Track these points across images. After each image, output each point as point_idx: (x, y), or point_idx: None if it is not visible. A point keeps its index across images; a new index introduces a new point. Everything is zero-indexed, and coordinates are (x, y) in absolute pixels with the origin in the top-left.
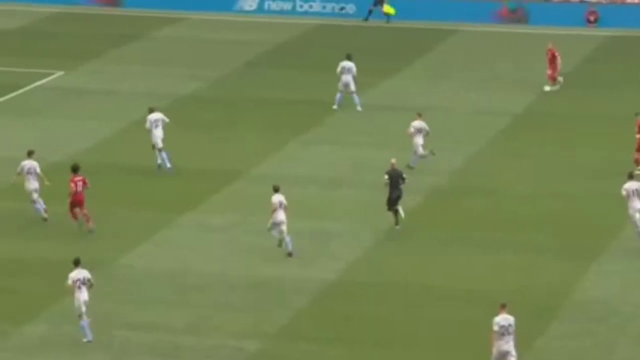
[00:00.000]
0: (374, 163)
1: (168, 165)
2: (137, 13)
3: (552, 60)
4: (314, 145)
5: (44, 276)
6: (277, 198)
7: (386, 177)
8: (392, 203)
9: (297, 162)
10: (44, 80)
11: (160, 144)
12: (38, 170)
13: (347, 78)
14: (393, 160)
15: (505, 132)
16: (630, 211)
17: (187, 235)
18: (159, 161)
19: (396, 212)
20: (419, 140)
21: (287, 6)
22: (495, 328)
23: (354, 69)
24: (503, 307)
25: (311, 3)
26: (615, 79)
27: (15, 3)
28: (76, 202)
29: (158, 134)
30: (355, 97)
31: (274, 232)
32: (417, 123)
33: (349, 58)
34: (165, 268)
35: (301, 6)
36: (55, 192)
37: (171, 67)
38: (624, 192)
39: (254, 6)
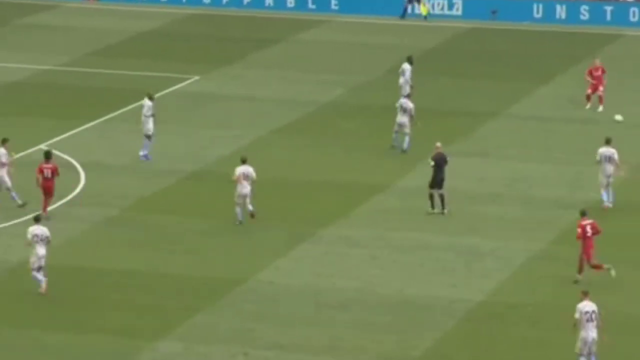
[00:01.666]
0: (527, 177)
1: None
2: (277, 15)
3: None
4: (463, 157)
5: (180, 292)
6: (241, 170)
7: (432, 162)
8: (436, 184)
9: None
10: (178, 86)
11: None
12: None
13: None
14: (438, 144)
15: None
16: (601, 176)
17: (328, 250)
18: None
19: (441, 196)
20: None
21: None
22: (577, 315)
23: (408, 73)
24: (585, 294)
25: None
26: None
27: (151, 4)
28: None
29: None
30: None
31: (237, 209)
32: (605, 150)
33: (409, 61)
34: (304, 284)
35: (443, 9)
36: (189, 202)
37: (312, 73)
38: (597, 157)
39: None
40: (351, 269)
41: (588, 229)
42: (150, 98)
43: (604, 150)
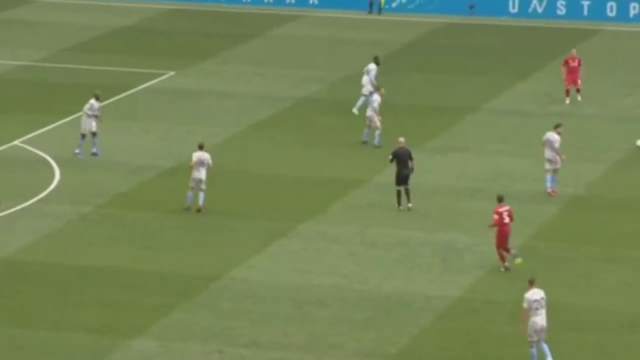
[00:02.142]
0: (508, 172)
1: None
2: (253, 10)
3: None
4: (442, 152)
5: (156, 289)
6: (196, 155)
7: (390, 156)
8: (401, 181)
9: (422, 171)
10: (154, 81)
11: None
12: None
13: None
14: (401, 139)
15: None
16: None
17: (305, 246)
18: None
19: (407, 191)
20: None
21: (411, 5)
22: (526, 305)
23: (373, 73)
24: (532, 282)
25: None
26: None
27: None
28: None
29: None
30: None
31: (189, 193)
32: (550, 135)
33: (375, 61)
34: (282, 281)
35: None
36: (164, 199)
37: (289, 68)
38: (543, 138)
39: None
40: (329, 265)
41: (505, 215)
42: (97, 98)
43: (549, 134)
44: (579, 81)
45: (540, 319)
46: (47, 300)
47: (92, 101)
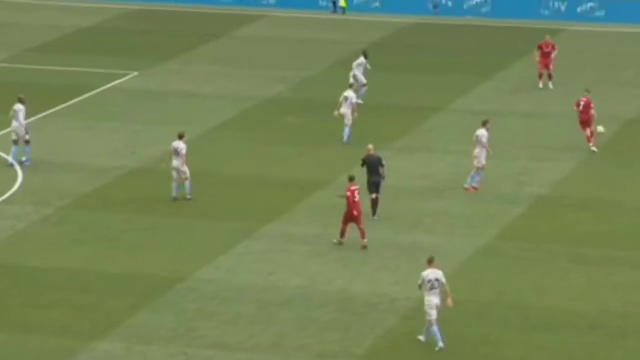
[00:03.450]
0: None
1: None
2: (216, 10)
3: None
4: (407, 152)
5: (120, 290)
6: (172, 144)
7: (361, 162)
8: (371, 189)
9: (388, 171)
10: (117, 81)
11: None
12: None
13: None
14: (370, 146)
15: (613, 139)
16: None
17: (270, 246)
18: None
19: (375, 201)
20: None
21: (376, 3)
22: (419, 282)
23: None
24: (430, 262)
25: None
26: None
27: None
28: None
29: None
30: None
31: (173, 184)
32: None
33: (364, 55)
34: (246, 282)
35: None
36: (129, 200)
37: (254, 68)
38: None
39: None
40: (294, 266)
41: (356, 193)
42: (22, 102)
43: (478, 132)
44: (551, 66)
45: (434, 298)
46: (9, 301)
47: (18, 105)
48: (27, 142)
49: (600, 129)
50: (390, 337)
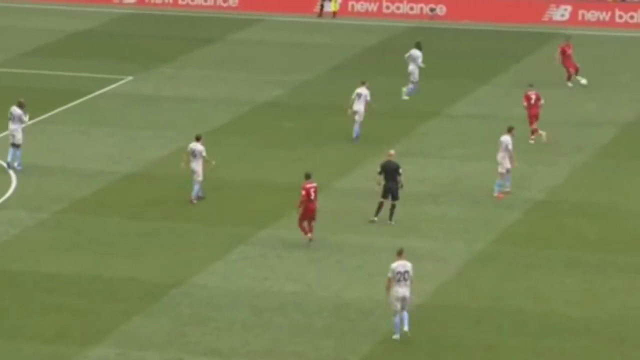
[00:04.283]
0: (470, 177)
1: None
2: (212, 14)
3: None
4: (404, 157)
5: (115, 296)
6: (190, 146)
7: (378, 169)
8: (386, 194)
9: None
10: (112, 86)
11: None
12: None
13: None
14: (391, 152)
15: (611, 144)
16: (498, 158)
17: (265, 252)
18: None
19: (392, 207)
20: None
21: (373, 7)
22: (390, 275)
23: (420, 59)
24: (400, 254)
25: (398, 4)
26: None
27: (85, 4)
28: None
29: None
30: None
31: (194, 185)
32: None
33: (417, 47)
34: (242, 287)
35: (387, 7)
36: (123, 204)
37: (249, 72)
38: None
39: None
40: (289, 272)
41: (312, 192)
42: (21, 106)
43: (503, 138)
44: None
45: (402, 289)
46: (3, 307)
47: (15, 108)
48: (16, 146)
49: (531, 141)
50: (386, 344)
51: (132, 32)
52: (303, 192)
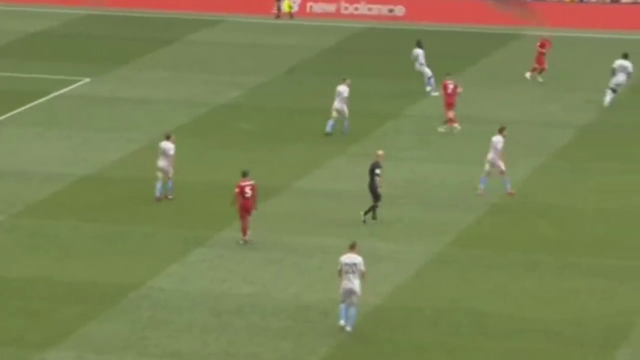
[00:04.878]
0: (428, 179)
1: None
2: (169, 15)
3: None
4: (361, 159)
5: (72, 299)
6: (161, 145)
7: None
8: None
9: (343, 177)
10: (69, 88)
11: None
12: None
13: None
14: (379, 152)
15: (569, 145)
16: (488, 158)
17: (223, 254)
18: None
19: (371, 207)
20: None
21: (331, 8)
22: (338, 267)
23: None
24: (352, 247)
25: (356, 5)
26: None
27: (42, 5)
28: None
29: None
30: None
31: (157, 184)
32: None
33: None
34: (199, 290)
35: (346, 8)
36: (80, 207)
37: (207, 74)
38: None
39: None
40: (247, 274)
41: (247, 189)
42: None
43: (494, 138)
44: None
45: (347, 283)
46: None
47: None
48: None
49: (441, 130)
50: (344, 346)
51: (89, 33)
52: (237, 190)
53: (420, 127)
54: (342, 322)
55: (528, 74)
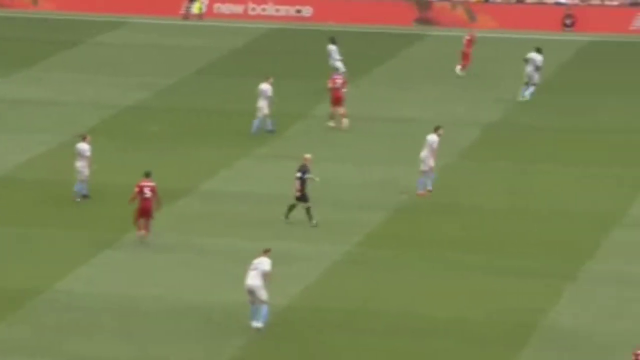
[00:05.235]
0: (335, 179)
1: None
2: (76, 17)
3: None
4: (271, 159)
5: None
6: (77, 147)
7: (298, 174)
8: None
9: (252, 179)
10: None
11: None
12: None
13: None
14: (306, 156)
15: (474, 145)
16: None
17: (131, 257)
18: None
19: (306, 209)
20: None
21: (239, 9)
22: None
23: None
24: (265, 252)
25: (264, 6)
26: (590, 87)
27: None
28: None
29: None
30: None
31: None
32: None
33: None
34: (108, 293)
35: (253, 9)
36: None
37: (114, 76)
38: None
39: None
40: (155, 276)
41: (146, 190)
42: None
43: (429, 137)
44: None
45: (247, 280)
46: None
47: None
48: None
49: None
50: (253, 346)
51: None
52: (136, 189)
53: (328, 127)
54: (253, 323)
55: (458, 68)
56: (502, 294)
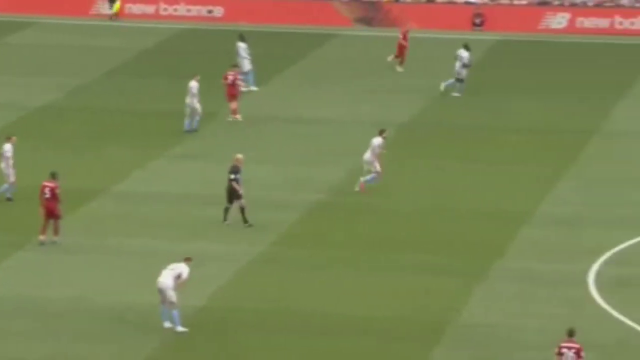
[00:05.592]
0: (249, 179)
1: None
2: None
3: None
4: (184, 159)
5: None
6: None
7: (232, 176)
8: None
9: (166, 179)
10: None
11: None
12: None
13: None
14: (238, 156)
15: (389, 144)
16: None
17: (43, 258)
18: None
19: (241, 209)
20: None
21: (150, 9)
22: None
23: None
24: (187, 260)
25: (176, 6)
26: (500, 86)
27: None
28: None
29: None
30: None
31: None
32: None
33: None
34: (21, 295)
35: (165, 9)
36: None
37: (25, 76)
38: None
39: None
40: (68, 277)
41: (46, 190)
42: None
43: (374, 140)
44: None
45: (160, 277)
46: None
47: None
48: None
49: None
50: (167, 348)
51: None
52: (40, 190)
53: (242, 126)
54: (166, 324)
55: (390, 58)
56: (414, 293)
